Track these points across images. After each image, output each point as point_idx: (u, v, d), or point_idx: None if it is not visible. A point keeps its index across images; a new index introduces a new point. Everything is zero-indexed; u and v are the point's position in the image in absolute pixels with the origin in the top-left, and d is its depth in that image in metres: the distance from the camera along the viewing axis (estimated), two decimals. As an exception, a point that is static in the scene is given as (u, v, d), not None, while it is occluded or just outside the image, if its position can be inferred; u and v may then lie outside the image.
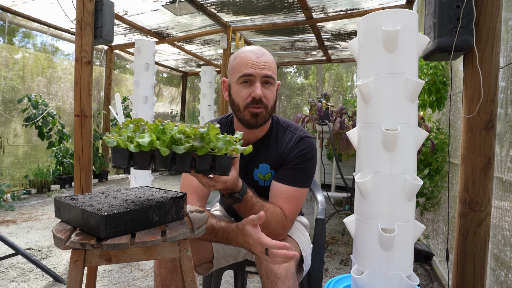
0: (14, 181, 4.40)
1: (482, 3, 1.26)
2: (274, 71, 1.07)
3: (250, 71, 1.03)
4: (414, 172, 0.97)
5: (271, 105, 1.07)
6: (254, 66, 1.03)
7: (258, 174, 1.14)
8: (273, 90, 1.07)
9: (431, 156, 2.11)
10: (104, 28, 2.03)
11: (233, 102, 1.09)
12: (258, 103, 1.03)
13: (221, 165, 0.75)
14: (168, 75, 8.12)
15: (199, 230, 0.83)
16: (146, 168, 0.73)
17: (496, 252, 1.37)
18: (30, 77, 4.64)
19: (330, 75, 8.19)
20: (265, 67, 1.04)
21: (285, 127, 1.15)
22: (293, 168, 1.07)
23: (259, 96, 1.02)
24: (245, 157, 1.13)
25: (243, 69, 1.04)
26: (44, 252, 2.39)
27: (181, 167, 0.72)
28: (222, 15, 4.25)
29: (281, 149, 1.10)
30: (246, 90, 1.05)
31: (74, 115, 1.97)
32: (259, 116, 1.05)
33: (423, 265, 2.26)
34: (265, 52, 1.07)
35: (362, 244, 0.99)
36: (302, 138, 1.10)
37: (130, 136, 0.72)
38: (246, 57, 1.05)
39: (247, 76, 1.03)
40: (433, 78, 1.93)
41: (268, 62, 1.05)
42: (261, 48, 1.09)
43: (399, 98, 0.93)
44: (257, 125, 1.06)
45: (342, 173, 2.59)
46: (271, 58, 1.08)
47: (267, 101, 1.05)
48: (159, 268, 1.01)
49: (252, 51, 1.06)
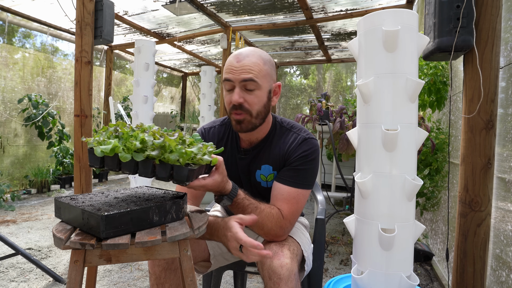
0: (14, 181, 4.40)
1: (482, 3, 1.26)
2: (259, 74, 1.00)
3: (229, 76, 1.01)
4: (414, 172, 0.97)
5: (256, 110, 1.02)
6: (232, 71, 1.00)
7: (260, 175, 1.12)
8: (259, 94, 1.02)
9: (432, 156, 2.11)
10: (104, 28, 2.02)
11: (225, 107, 1.09)
12: (237, 109, 1.01)
13: (179, 174, 0.78)
14: (168, 75, 8.12)
15: (199, 230, 0.83)
16: (115, 170, 0.82)
17: (497, 252, 1.37)
18: (30, 77, 4.64)
19: (330, 75, 8.19)
20: (244, 71, 0.99)
21: (288, 128, 1.13)
22: (295, 169, 1.06)
23: (236, 102, 0.99)
24: (246, 159, 1.12)
25: (224, 73, 1.03)
26: (44, 252, 2.39)
27: (143, 173, 0.79)
28: (222, 15, 4.25)
29: (284, 150, 1.09)
30: (228, 96, 1.03)
31: (74, 115, 1.97)
32: (243, 122, 1.02)
33: (423, 265, 2.26)
34: (249, 54, 1.01)
35: (362, 244, 0.99)
36: (306, 139, 1.09)
37: (100, 141, 0.80)
38: (228, 61, 1.02)
39: (226, 81, 1.02)
40: (433, 78, 1.93)
41: (249, 65, 0.99)
42: (250, 51, 1.03)
43: (399, 98, 0.93)
44: (242, 131, 1.05)
45: (342, 173, 2.59)
46: (255, 60, 1.00)
47: (249, 106, 1.01)
48: (153, 267, 1.01)
49: (235, 55, 1.02)
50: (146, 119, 3.30)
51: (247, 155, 1.13)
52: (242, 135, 1.13)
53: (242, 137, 1.14)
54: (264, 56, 1.04)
